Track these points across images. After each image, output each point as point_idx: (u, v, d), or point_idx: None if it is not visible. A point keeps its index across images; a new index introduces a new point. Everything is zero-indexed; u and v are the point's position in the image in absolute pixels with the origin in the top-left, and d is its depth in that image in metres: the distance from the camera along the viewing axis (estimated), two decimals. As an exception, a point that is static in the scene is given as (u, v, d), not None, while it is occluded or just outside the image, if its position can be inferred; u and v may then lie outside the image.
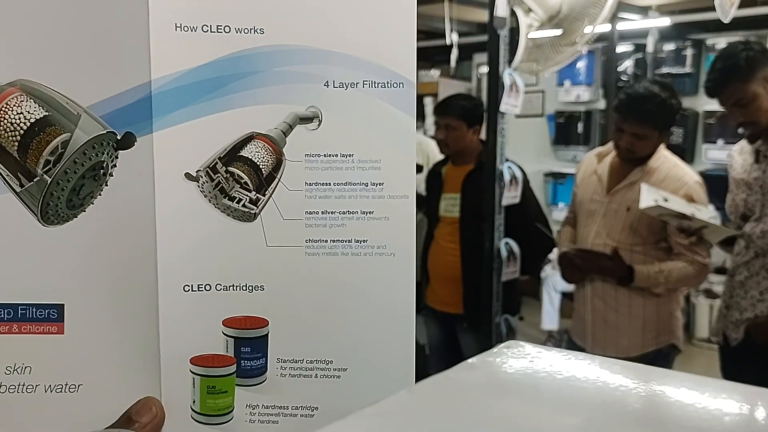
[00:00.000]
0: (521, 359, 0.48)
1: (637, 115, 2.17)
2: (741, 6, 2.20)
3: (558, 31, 2.52)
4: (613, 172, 2.28)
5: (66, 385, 0.53)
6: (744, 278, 2.11)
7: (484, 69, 3.92)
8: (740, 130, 2.14)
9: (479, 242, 2.57)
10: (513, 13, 2.47)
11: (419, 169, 3.14)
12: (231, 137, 0.54)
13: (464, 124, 2.70)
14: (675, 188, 2.17)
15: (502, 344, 0.51)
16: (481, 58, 5.30)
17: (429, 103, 5.88)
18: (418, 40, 0.55)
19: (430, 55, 5.77)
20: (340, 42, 0.55)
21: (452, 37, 3.96)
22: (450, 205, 2.73)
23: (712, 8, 2.08)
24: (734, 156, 2.20)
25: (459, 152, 2.75)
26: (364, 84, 0.55)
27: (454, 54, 4.47)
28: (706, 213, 2.17)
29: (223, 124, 0.54)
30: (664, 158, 2.26)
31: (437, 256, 2.77)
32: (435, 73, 6.00)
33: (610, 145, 2.35)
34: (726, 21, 2.15)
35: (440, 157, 3.07)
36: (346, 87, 0.55)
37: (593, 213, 2.29)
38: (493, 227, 2.52)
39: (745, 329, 2.10)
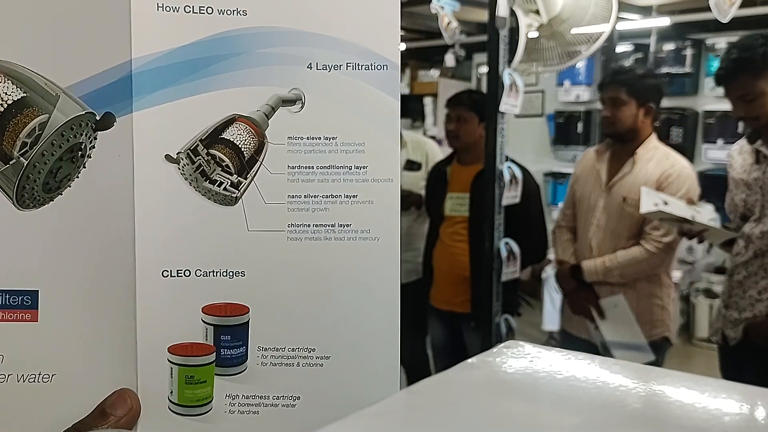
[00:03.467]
0: (521, 359, 0.48)
1: (614, 82, 2.36)
2: (741, 6, 2.20)
3: (558, 33, 2.52)
4: (610, 167, 2.39)
5: (39, 374, 0.52)
6: (742, 278, 2.12)
7: (484, 69, 3.92)
8: (742, 129, 2.14)
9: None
10: (513, 13, 2.47)
11: (417, 167, 3.13)
12: (212, 119, 0.53)
13: (476, 118, 2.72)
14: (664, 174, 2.27)
15: (502, 344, 0.51)
16: (480, 58, 5.30)
17: (429, 103, 5.88)
18: (417, 40, 0.55)
19: (429, 55, 5.76)
20: (323, 24, 0.54)
21: (454, 38, 3.95)
22: (457, 205, 2.73)
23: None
24: (734, 156, 2.21)
25: (467, 146, 2.75)
26: (347, 66, 0.54)
27: (454, 53, 4.47)
28: (707, 215, 2.19)
29: (204, 105, 0.53)
30: (655, 148, 2.35)
31: (444, 255, 2.76)
32: (435, 73, 5.99)
33: (607, 142, 2.45)
34: (724, 21, 2.14)
35: (439, 157, 3.07)
36: (330, 69, 0.54)
37: (593, 207, 2.38)
38: (493, 227, 2.52)
39: (744, 329, 2.10)
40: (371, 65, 0.54)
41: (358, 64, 0.54)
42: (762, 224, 2.07)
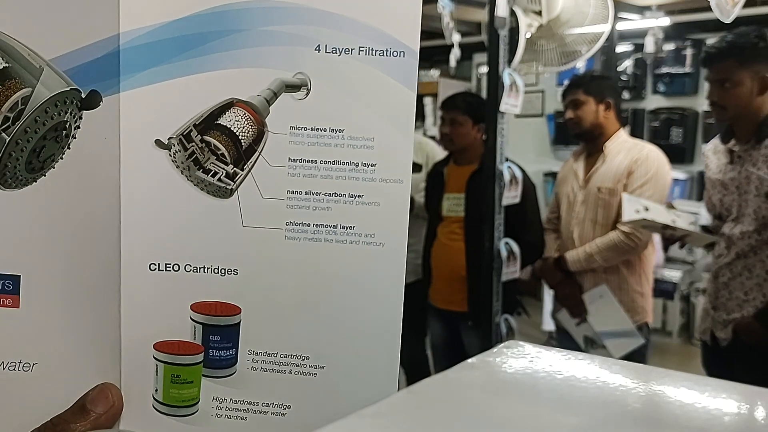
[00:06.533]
0: (521, 359, 0.48)
1: (571, 86, 2.59)
2: (743, 5, 2.20)
3: (557, 35, 2.53)
4: (586, 165, 2.58)
5: (20, 363, 0.49)
6: (728, 279, 2.14)
7: (484, 69, 3.92)
8: (716, 126, 2.19)
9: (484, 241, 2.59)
10: (513, 13, 2.47)
11: (418, 168, 3.13)
12: (208, 103, 0.49)
13: (470, 120, 2.74)
14: (632, 160, 2.42)
15: (502, 344, 0.50)
16: (480, 58, 5.29)
17: (429, 103, 5.87)
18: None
19: (429, 55, 5.76)
20: (335, 1, 0.48)
21: (453, 37, 3.96)
22: (454, 205, 2.75)
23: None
24: (708, 155, 2.28)
25: (463, 149, 2.77)
26: (360, 50, 0.49)
27: (455, 54, 4.47)
28: (687, 219, 2.23)
29: (199, 87, 0.48)
30: (624, 141, 2.52)
31: (441, 255, 2.78)
32: (435, 73, 5.99)
33: (582, 145, 2.64)
34: (727, 21, 2.16)
35: (440, 157, 3.07)
36: (340, 53, 0.49)
37: (573, 203, 2.57)
38: (493, 227, 2.53)
39: (733, 329, 2.11)
40: (387, 51, 0.49)
41: (373, 49, 0.49)
42: (741, 224, 2.09)
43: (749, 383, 0.43)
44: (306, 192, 0.50)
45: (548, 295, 4.17)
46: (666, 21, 4.38)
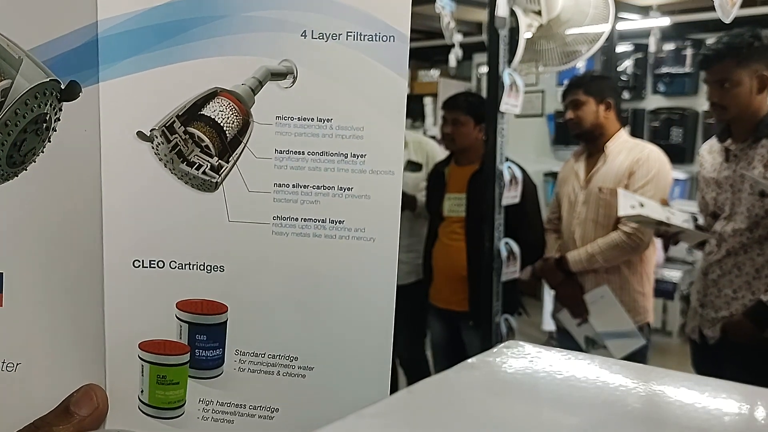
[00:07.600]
0: (521, 359, 0.48)
1: (571, 86, 2.57)
2: (741, 6, 2.21)
3: (557, 34, 2.54)
4: (587, 165, 2.58)
5: (3, 363, 0.47)
6: (717, 276, 2.16)
7: (484, 69, 3.92)
8: (716, 126, 2.20)
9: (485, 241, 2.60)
10: (513, 13, 2.47)
11: (419, 168, 3.14)
12: (191, 92, 0.47)
13: (472, 121, 2.75)
14: (634, 160, 2.43)
15: (502, 344, 0.50)
16: (480, 58, 5.29)
17: (429, 103, 5.87)
18: (417, 40, 0.51)
19: (429, 55, 5.76)
20: None
21: (453, 37, 3.96)
22: (455, 205, 2.75)
23: (713, 8, 2.09)
24: (704, 155, 2.31)
25: (464, 149, 2.78)
26: (348, 36, 0.47)
27: (455, 54, 4.48)
28: (681, 216, 2.25)
29: (181, 76, 0.47)
30: (625, 142, 2.52)
31: (442, 255, 2.79)
32: (435, 73, 5.99)
33: (583, 145, 2.64)
34: (727, 21, 2.16)
35: (440, 157, 3.07)
36: (327, 38, 0.47)
37: (574, 203, 2.56)
38: (493, 227, 2.53)
39: (722, 327, 2.12)
40: (376, 36, 0.47)
41: (361, 34, 0.47)
42: (733, 222, 2.11)
43: (738, 381, 0.43)
44: (293, 185, 0.48)
45: (548, 295, 4.17)
46: (666, 21, 4.38)
